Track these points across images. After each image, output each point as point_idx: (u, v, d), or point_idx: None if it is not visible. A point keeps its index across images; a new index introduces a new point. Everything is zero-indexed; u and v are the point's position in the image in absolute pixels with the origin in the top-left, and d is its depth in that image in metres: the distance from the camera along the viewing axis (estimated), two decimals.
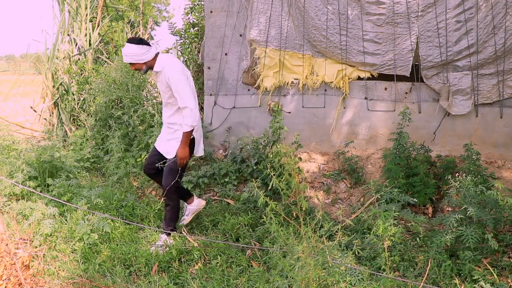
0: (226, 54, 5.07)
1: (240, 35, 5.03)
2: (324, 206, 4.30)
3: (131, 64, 3.36)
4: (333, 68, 4.87)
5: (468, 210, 2.81)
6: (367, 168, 4.72)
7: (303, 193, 4.18)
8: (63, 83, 7.03)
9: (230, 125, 5.15)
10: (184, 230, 3.56)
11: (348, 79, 4.87)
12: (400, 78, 4.79)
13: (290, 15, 4.85)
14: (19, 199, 4.17)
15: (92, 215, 3.55)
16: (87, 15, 7.45)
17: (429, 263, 2.80)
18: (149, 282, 2.88)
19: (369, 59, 4.73)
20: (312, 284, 2.10)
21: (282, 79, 4.96)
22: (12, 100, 11.06)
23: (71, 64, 7.15)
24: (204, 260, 3.21)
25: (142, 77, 6.14)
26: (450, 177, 3.18)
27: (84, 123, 6.40)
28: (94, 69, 6.95)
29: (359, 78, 4.89)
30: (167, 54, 3.47)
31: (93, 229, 3.44)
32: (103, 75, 6.46)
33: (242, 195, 4.17)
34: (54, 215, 3.69)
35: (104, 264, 3.09)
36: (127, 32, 8.36)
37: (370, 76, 4.86)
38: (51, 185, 4.36)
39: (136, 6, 14.16)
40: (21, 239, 3.34)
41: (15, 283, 2.82)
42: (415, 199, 3.26)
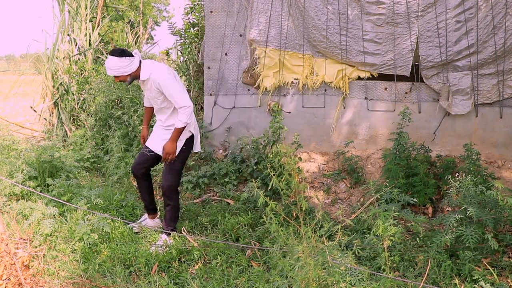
0: (226, 54, 5.07)
1: (240, 35, 5.03)
2: (324, 206, 4.30)
3: (115, 77, 3.26)
4: (333, 68, 4.87)
5: (468, 210, 2.81)
6: (367, 168, 4.72)
7: (303, 193, 4.17)
8: (63, 83, 7.03)
9: (230, 125, 5.15)
10: (184, 230, 3.56)
11: (348, 79, 4.87)
12: (400, 78, 4.79)
13: (290, 15, 4.85)
14: (19, 199, 4.17)
15: (92, 215, 3.55)
16: (87, 15, 7.45)
17: (429, 263, 2.80)
18: (149, 282, 2.88)
19: (369, 59, 4.73)
20: (312, 284, 2.10)
21: (282, 79, 4.96)
22: (12, 100, 11.06)
23: (71, 64, 7.15)
24: (204, 260, 3.21)
25: None
26: (450, 177, 3.18)
27: (84, 123, 6.40)
28: (94, 69, 6.95)
29: (359, 78, 4.89)
30: (150, 60, 3.39)
31: (93, 229, 3.43)
32: (103, 75, 6.46)
33: (242, 195, 4.17)
34: (54, 215, 3.69)
35: (104, 264, 3.09)
36: (127, 32, 8.37)
37: (370, 76, 4.86)
38: (51, 185, 4.36)
39: (136, 6, 14.17)
40: (21, 239, 3.33)
41: (15, 283, 2.82)
42: (415, 199, 3.26)
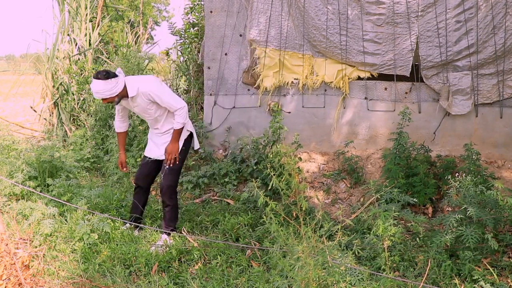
0: (226, 54, 5.07)
1: (240, 35, 5.03)
2: (324, 206, 4.30)
3: (103, 99, 3.19)
4: (333, 68, 4.87)
5: (468, 210, 2.81)
6: (367, 168, 4.72)
7: (303, 193, 4.17)
8: (63, 83, 7.03)
9: (230, 125, 5.15)
10: (184, 230, 3.56)
11: (348, 79, 4.86)
12: (400, 78, 4.79)
13: (290, 15, 4.85)
14: (19, 199, 4.17)
15: (92, 215, 3.55)
16: (87, 15, 7.45)
17: (429, 263, 2.80)
18: (149, 282, 2.88)
19: (369, 59, 4.73)
20: (312, 284, 2.10)
21: (282, 79, 4.96)
22: (12, 100, 11.06)
23: (71, 64, 7.15)
24: (204, 260, 3.21)
25: None
26: (450, 177, 3.18)
27: (84, 123, 6.40)
28: (94, 69, 6.95)
29: (359, 78, 4.89)
30: (131, 76, 3.36)
31: (93, 229, 3.43)
32: None
33: (242, 195, 4.17)
34: (54, 215, 3.69)
35: (104, 264, 3.09)
36: (127, 32, 8.37)
37: (370, 76, 4.86)
38: (51, 185, 4.36)
39: (136, 6, 14.17)
40: (21, 239, 3.33)
41: (15, 283, 2.82)
42: (415, 199, 3.26)
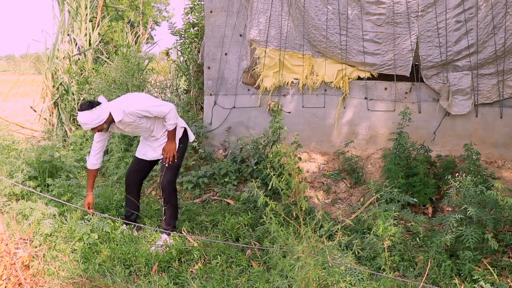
0: (226, 54, 5.07)
1: (240, 35, 5.03)
2: (324, 206, 4.30)
3: (93, 129, 3.22)
4: (333, 68, 4.87)
5: (468, 210, 2.81)
6: (367, 168, 4.72)
7: (303, 193, 4.17)
8: (63, 83, 7.03)
9: (230, 125, 5.15)
10: (184, 230, 3.56)
11: (348, 79, 4.86)
12: (400, 78, 4.79)
13: (290, 15, 4.85)
14: (19, 199, 4.17)
15: (92, 215, 3.55)
16: (87, 15, 7.45)
17: (429, 263, 2.80)
18: (149, 282, 2.88)
19: (369, 59, 4.73)
20: (312, 284, 2.10)
21: (282, 79, 4.96)
22: (12, 100, 11.07)
23: (71, 64, 7.15)
24: (204, 260, 3.21)
25: (142, 77, 6.13)
26: (450, 177, 3.18)
27: None
28: (94, 69, 6.95)
29: (359, 78, 4.88)
30: (113, 100, 3.38)
31: (93, 229, 3.44)
32: (103, 75, 6.46)
33: (242, 195, 4.17)
34: (54, 215, 3.69)
35: (104, 264, 3.09)
36: (127, 32, 8.37)
37: (370, 76, 4.86)
38: (51, 185, 4.36)
39: (136, 6, 14.17)
40: (21, 239, 3.33)
41: (15, 283, 2.82)
42: (415, 199, 3.26)
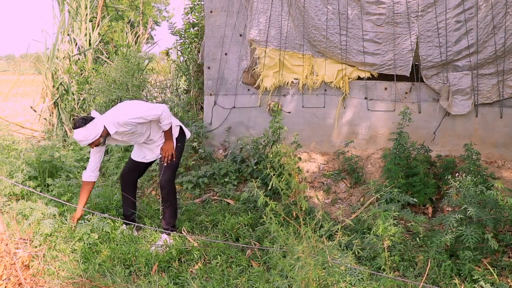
0: (226, 54, 5.07)
1: (240, 35, 5.03)
2: (324, 206, 4.30)
3: (90, 144, 3.24)
4: (333, 68, 4.87)
5: (468, 210, 2.81)
6: (367, 168, 4.72)
7: (303, 193, 4.17)
8: (63, 83, 7.03)
9: (230, 125, 5.15)
10: (184, 230, 3.56)
11: (348, 79, 4.86)
12: (400, 78, 4.79)
13: (290, 15, 4.85)
14: (19, 199, 4.17)
15: (92, 215, 3.55)
16: (87, 15, 7.45)
17: (429, 263, 2.80)
18: (149, 282, 2.88)
19: (369, 59, 4.73)
20: (312, 284, 2.09)
21: (282, 79, 4.96)
22: (12, 100, 11.07)
23: (71, 64, 7.15)
24: (204, 260, 3.21)
25: (142, 77, 6.13)
26: (450, 177, 3.18)
27: None
28: (94, 69, 6.95)
29: (359, 78, 4.88)
30: (105, 113, 3.38)
31: (93, 229, 3.44)
32: (103, 75, 6.46)
33: (242, 195, 4.17)
34: (54, 215, 3.69)
35: (104, 264, 3.09)
36: (127, 32, 8.37)
37: (370, 76, 4.86)
38: (51, 185, 4.36)
39: (136, 6, 14.17)
40: (21, 239, 3.33)
41: (15, 283, 2.82)
42: (415, 199, 3.26)
